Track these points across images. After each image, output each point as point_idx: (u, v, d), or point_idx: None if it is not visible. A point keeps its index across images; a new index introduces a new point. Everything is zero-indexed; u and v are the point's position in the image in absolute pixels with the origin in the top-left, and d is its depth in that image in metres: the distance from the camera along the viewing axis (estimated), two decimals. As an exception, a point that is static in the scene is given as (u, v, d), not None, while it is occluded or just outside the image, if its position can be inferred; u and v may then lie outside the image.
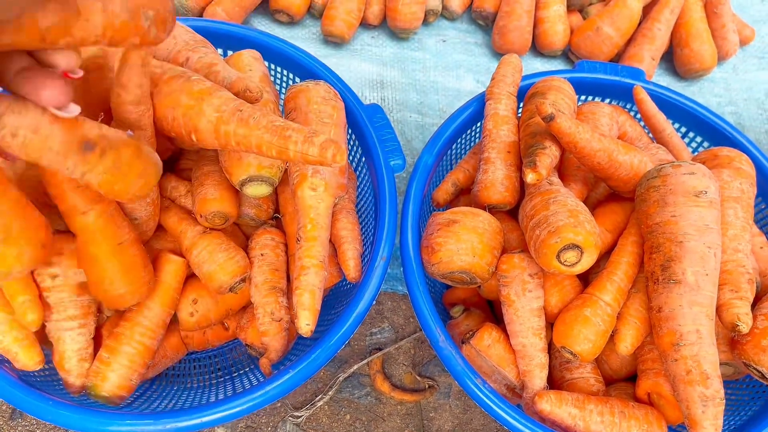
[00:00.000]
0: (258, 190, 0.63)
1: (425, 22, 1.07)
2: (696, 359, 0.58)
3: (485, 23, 1.10)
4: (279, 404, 0.75)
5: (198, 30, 0.72)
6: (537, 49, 1.09)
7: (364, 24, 1.06)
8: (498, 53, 1.08)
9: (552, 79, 0.75)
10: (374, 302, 0.64)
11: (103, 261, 0.54)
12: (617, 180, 0.68)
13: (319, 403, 0.74)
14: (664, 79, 1.12)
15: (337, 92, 0.69)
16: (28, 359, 0.57)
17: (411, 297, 0.65)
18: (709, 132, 0.83)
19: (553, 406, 0.62)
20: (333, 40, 1.03)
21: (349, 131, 0.74)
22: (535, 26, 1.06)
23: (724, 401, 0.58)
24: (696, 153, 0.86)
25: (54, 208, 0.52)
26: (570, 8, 1.09)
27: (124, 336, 0.61)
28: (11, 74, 0.37)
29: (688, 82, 1.12)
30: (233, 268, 0.63)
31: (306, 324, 0.59)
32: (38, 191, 0.54)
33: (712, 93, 1.11)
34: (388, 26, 1.05)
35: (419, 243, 0.68)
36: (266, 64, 0.74)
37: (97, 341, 0.62)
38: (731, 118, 1.07)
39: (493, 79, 0.77)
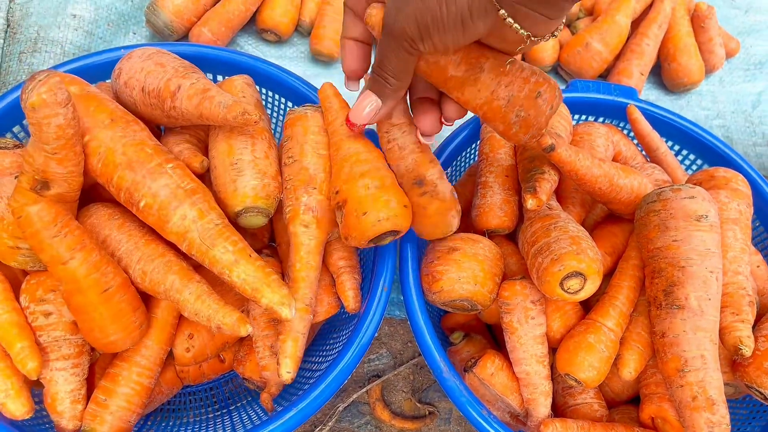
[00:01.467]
0: (253, 221, 0.61)
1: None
2: (701, 385, 0.58)
3: (474, 40, 1.10)
4: (278, 436, 0.74)
5: (185, 56, 0.70)
6: (526, 64, 1.09)
7: (353, 42, 1.05)
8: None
9: (547, 100, 0.75)
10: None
11: (90, 310, 0.53)
12: (618, 203, 0.68)
13: (319, 434, 0.73)
14: (652, 93, 1.12)
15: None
16: (16, 408, 0.55)
17: (413, 328, 0.64)
18: (702, 149, 0.83)
19: (559, 434, 0.61)
20: (322, 59, 1.02)
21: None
22: (524, 42, 1.06)
23: (730, 427, 0.58)
24: (689, 170, 0.86)
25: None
26: (558, 23, 1.09)
27: (121, 376, 0.59)
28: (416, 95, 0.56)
29: (677, 95, 1.13)
30: (232, 299, 0.61)
31: (287, 372, 0.58)
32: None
33: (700, 106, 1.12)
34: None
35: (419, 271, 0.67)
36: (257, 89, 0.73)
37: (89, 380, 0.61)
38: (719, 131, 1.08)
39: (488, 101, 0.76)
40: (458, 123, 0.79)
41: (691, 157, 0.85)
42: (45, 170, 0.53)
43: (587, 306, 0.69)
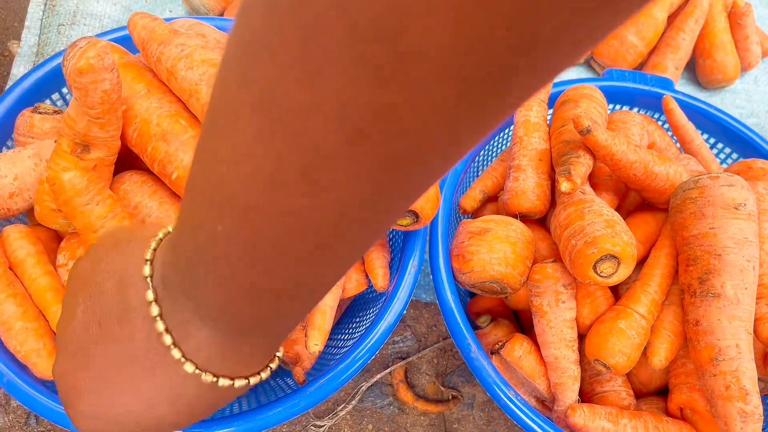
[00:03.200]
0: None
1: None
2: (735, 375, 0.57)
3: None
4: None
5: (224, 30, 0.71)
6: (559, 56, 1.08)
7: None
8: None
9: (583, 87, 0.74)
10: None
11: None
12: (653, 191, 0.67)
13: (342, 413, 0.73)
14: (685, 90, 1.11)
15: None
16: (46, 368, 0.55)
17: (442, 307, 0.64)
18: (738, 143, 0.82)
19: (587, 420, 0.61)
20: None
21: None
22: (558, 33, 1.05)
23: (763, 418, 0.57)
24: (724, 164, 0.85)
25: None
26: (593, 16, 1.08)
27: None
28: None
29: (710, 92, 1.11)
30: None
31: (315, 344, 0.58)
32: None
33: (734, 104, 1.10)
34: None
35: (449, 251, 0.67)
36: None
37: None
38: (754, 129, 1.06)
39: (523, 85, 0.76)
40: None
41: (727, 150, 0.84)
42: (86, 134, 0.53)
43: (617, 296, 0.68)
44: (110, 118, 0.52)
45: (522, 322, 0.77)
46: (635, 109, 0.84)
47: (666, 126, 0.84)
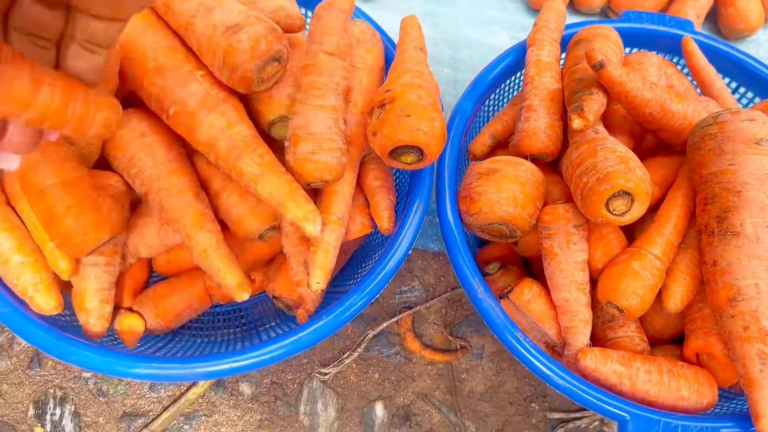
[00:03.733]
0: (285, 132, 0.60)
1: (458, -24, 1.03)
2: (754, 315, 0.54)
3: None
4: (305, 361, 0.73)
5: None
6: (574, 6, 1.05)
7: (395, -22, 1.02)
8: (534, 9, 1.04)
9: (598, 27, 0.71)
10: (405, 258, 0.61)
11: None
12: (669, 131, 0.64)
13: (347, 361, 0.71)
14: (706, 41, 1.07)
15: (375, 32, 0.65)
16: (45, 303, 0.54)
17: (448, 247, 0.62)
18: (761, 86, 0.79)
19: (598, 363, 0.59)
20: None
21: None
22: (573, -18, 1.02)
23: (782, 360, 0.54)
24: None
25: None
26: (610, -36, 1.04)
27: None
28: None
29: (732, 43, 1.07)
30: (265, 212, 0.60)
31: (317, 282, 0.56)
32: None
33: (757, 55, 1.05)
34: (419, -20, 1.01)
35: (456, 193, 0.65)
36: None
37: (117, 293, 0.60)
38: (777, 81, 1.02)
39: (535, 25, 0.73)
40: (499, 51, 0.76)
41: (749, 95, 0.80)
42: None
43: (631, 240, 0.66)
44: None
45: (532, 271, 0.75)
46: (653, 53, 0.81)
47: (685, 71, 0.81)
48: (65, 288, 0.58)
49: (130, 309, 0.63)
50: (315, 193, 0.62)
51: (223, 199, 0.60)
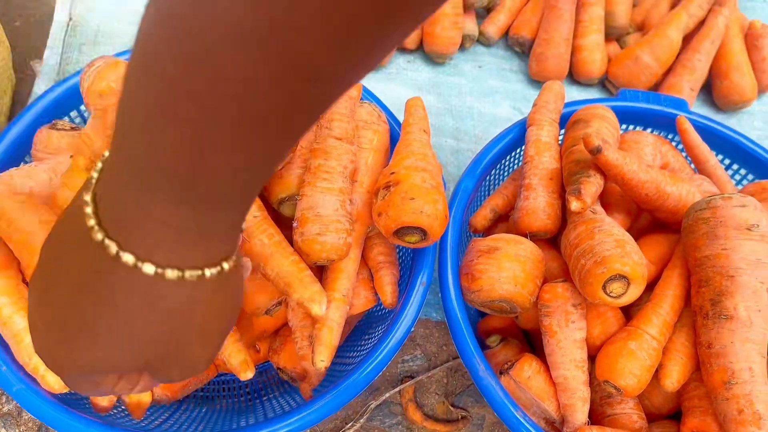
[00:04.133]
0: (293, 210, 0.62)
1: (461, 47, 1.07)
2: (748, 398, 0.56)
3: (522, 50, 1.10)
4: (308, 431, 0.73)
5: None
6: (573, 77, 1.08)
7: (400, 48, 1.06)
8: (534, 80, 1.08)
9: (595, 107, 0.74)
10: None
11: None
12: (665, 211, 0.67)
13: (350, 431, 0.72)
14: (702, 111, 1.10)
15: (381, 113, 0.68)
16: (55, 382, 0.55)
17: (450, 325, 0.63)
18: (754, 164, 0.81)
19: (596, 442, 0.60)
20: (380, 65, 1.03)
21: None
22: (572, 54, 1.05)
23: (777, 443, 0.55)
24: (740, 185, 0.84)
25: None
26: (607, 37, 1.08)
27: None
28: None
29: (727, 114, 1.11)
30: (272, 289, 0.62)
31: (321, 360, 0.57)
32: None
33: (752, 126, 1.09)
34: (425, 51, 1.05)
35: (458, 270, 0.67)
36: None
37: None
38: (772, 151, 1.05)
39: (535, 105, 0.76)
40: (500, 127, 0.79)
41: (742, 171, 0.83)
42: (103, 153, 0.54)
43: (628, 317, 0.67)
44: None
45: (533, 342, 0.76)
46: (648, 130, 0.84)
47: (680, 147, 0.84)
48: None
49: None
50: (320, 269, 0.64)
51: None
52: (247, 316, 0.66)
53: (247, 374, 0.57)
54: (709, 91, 1.11)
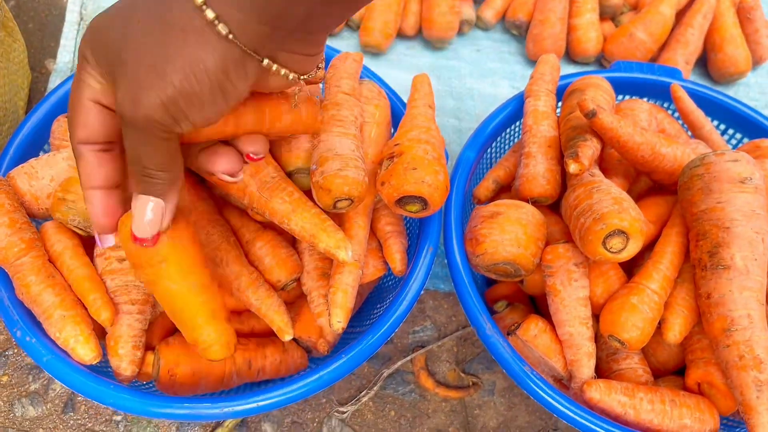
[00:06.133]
0: (306, 182, 0.65)
1: (459, 32, 1.10)
2: (748, 344, 0.58)
3: (519, 32, 1.12)
4: (324, 400, 0.76)
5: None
6: (570, 56, 1.11)
7: (401, 35, 1.09)
8: (532, 61, 1.10)
9: (591, 77, 0.77)
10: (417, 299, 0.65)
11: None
12: (661, 172, 0.69)
13: (364, 399, 0.75)
14: (698, 85, 1.12)
15: (381, 89, 0.71)
16: (85, 354, 0.58)
17: (456, 287, 0.66)
18: (749, 128, 0.83)
19: (603, 394, 0.62)
20: (370, 51, 1.06)
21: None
22: (568, 34, 1.08)
23: (778, 386, 0.57)
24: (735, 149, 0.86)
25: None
26: (602, 16, 1.11)
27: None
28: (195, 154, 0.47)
29: (723, 87, 1.12)
30: (292, 265, 0.65)
31: (338, 321, 0.60)
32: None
33: (748, 97, 1.11)
34: (424, 36, 1.08)
35: (462, 235, 0.69)
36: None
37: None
38: (768, 121, 1.07)
39: (531, 77, 0.79)
40: (500, 100, 0.82)
41: (738, 136, 0.85)
42: None
43: (630, 274, 0.69)
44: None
45: (539, 308, 0.78)
46: (644, 100, 0.86)
47: (676, 116, 0.86)
48: (100, 335, 0.62)
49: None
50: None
51: (257, 247, 0.65)
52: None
53: (286, 336, 0.62)
54: (704, 65, 1.13)
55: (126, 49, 0.35)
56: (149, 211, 0.40)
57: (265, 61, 0.36)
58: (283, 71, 0.39)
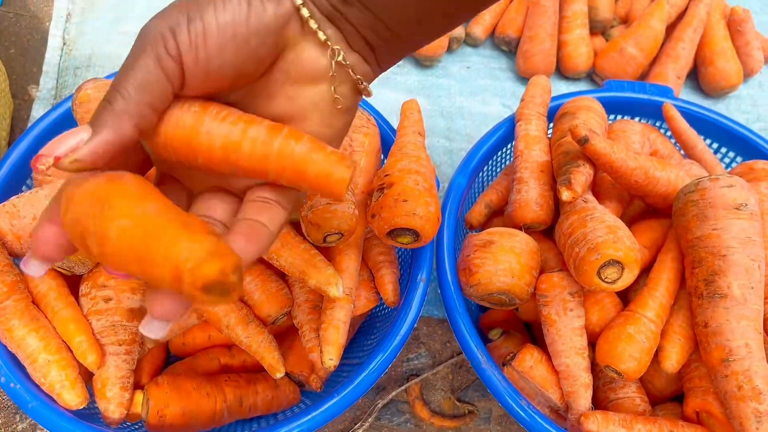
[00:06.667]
0: (296, 215, 0.63)
1: (449, 49, 1.09)
2: (747, 374, 0.57)
3: (508, 48, 1.11)
4: (318, 433, 0.75)
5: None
6: (561, 72, 1.10)
7: (389, 54, 1.08)
8: (522, 77, 1.09)
9: (581, 98, 0.76)
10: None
11: None
12: (655, 197, 0.68)
13: (359, 431, 0.73)
14: (689, 98, 1.11)
15: (370, 117, 0.70)
16: (71, 399, 0.56)
17: (450, 319, 0.65)
18: (741, 146, 0.83)
19: (600, 426, 0.61)
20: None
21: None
22: (558, 49, 1.07)
23: (778, 417, 0.56)
24: (729, 168, 0.85)
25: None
26: (592, 31, 1.10)
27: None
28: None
29: (715, 100, 1.12)
30: (282, 299, 0.64)
31: (330, 359, 0.59)
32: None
33: (740, 110, 1.11)
34: (412, 55, 1.07)
35: (456, 264, 0.68)
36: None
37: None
38: (761, 134, 1.06)
39: (522, 100, 0.78)
40: (491, 125, 0.81)
41: (731, 154, 0.84)
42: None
43: (625, 301, 0.69)
44: None
45: (534, 334, 0.77)
46: (636, 119, 0.85)
47: (669, 134, 0.85)
48: (86, 378, 0.61)
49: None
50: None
51: (246, 282, 0.64)
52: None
53: (279, 373, 0.60)
54: (695, 78, 1.13)
55: None
56: (75, 135, 0.30)
57: (299, 1, 0.31)
58: (321, 33, 0.32)
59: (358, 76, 0.36)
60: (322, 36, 0.33)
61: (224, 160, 0.32)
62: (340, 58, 0.34)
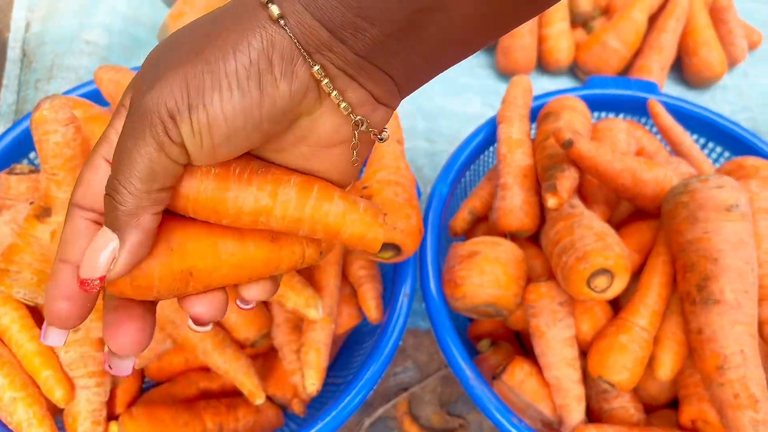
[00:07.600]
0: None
1: (427, 48, 1.06)
2: (743, 382, 0.55)
3: (488, 44, 1.09)
4: (305, 453, 0.72)
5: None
6: (542, 67, 1.07)
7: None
8: (503, 74, 1.07)
9: (564, 98, 0.73)
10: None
11: None
12: (644, 198, 0.66)
13: (347, 450, 0.71)
14: (674, 89, 1.09)
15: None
16: None
17: (437, 336, 0.62)
18: (729, 141, 0.81)
19: (595, 441, 0.59)
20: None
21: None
22: (539, 44, 1.05)
23: (776, 425, 0.55)
24: (717, 163, 0.83)
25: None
26: (573, 24, 1.08)
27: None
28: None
29: (700, 90, 1.10)
30: (260, 321, 0.61)
31: (312, 384, 0.57)
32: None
33: (725, 100, 1.09)
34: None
35: (440, 278, 0.65)
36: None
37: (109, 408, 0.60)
38: (746, 124, 1.04)
39: (503, 101, 0.75)
40: (473, 125, 0.78)
41: (718, 149, 0.82)
42: (47, 194, 0.52)
43: (617, 307, 0.66)
44: (65, 177, 0.51)
45: (524, 343, 0.75)
46: (621, 116, 0.83)
47: (654, 130, 0.83)
48: (56, 411, 0.58)
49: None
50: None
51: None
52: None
53: (259, 400, 0.58)
54: (679, 69, 1.11)
55: (165, 57, 0.28)
56: (105, 249, 0.29)
57: (316, 68, 0.27)
58: (343, 104, 0.29)
59: (381, 136, 0.32)
60: (345, 108, 0.29)
61: (254, 222, 0.30)
62: (363, 128, 0.30)
